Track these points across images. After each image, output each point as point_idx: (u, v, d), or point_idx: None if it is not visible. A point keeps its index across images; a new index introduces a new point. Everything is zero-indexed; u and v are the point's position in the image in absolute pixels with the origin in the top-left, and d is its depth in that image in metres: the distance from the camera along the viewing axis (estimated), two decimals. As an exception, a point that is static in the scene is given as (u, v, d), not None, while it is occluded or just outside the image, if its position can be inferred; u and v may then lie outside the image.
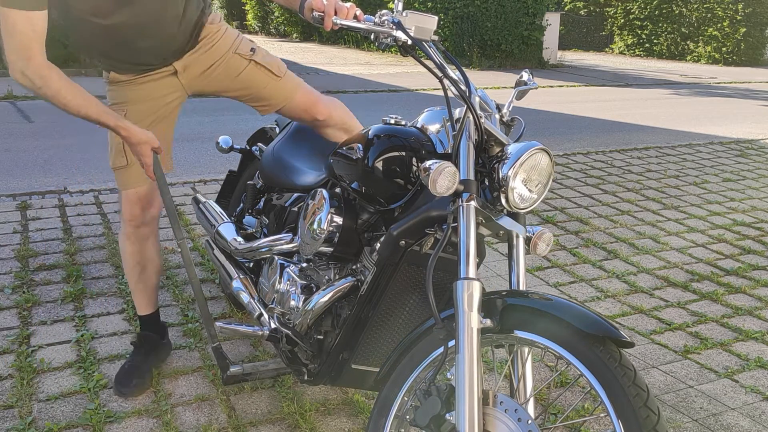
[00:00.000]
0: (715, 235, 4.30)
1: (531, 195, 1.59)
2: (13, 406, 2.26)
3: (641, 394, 1.31)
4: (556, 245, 3.96)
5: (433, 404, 1.46)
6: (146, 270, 2.40)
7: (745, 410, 2.43)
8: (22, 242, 3.67)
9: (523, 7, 15.83)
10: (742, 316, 3.18)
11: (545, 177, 1.60)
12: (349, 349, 1.87)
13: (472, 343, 1.42)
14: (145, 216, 2.28)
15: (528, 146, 1.56)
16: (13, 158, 5.57)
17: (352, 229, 1.86)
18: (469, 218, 1.51)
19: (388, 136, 1.80)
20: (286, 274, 2.08)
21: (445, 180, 1.48)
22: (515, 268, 1.65)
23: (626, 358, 1.35)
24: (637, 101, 11.04)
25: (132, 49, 2.03)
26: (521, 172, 1.55)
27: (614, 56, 21.42)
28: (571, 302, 1.48)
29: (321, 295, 1.88)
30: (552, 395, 2.46)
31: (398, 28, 1.63)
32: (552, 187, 5.19)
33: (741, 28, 19.46)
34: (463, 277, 1.47)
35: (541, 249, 1.70)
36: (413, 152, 1.75)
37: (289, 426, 2.22)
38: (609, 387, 1.32)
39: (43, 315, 2.89)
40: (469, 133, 1.60)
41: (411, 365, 1.62)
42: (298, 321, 1.96)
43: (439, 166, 1.47)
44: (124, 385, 2.33)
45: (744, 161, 6.50)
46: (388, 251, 1.70)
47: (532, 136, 7.43)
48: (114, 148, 2.18)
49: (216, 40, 2.18)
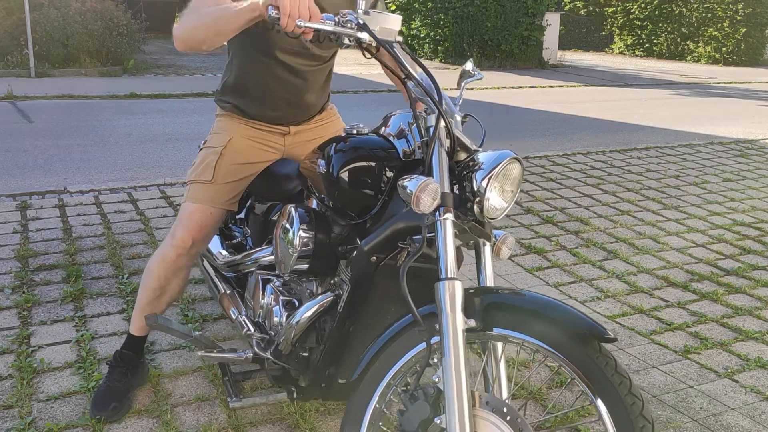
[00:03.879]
0: (715, 235, 4.30)
1: (503, 204, 1.57)
2: (13, 406, 2.26)
3: (625, 382, 1.32)
4: (556, 245, 3.96)
5: (420, 408, 1.44)
6: (162, 298, 2.25)
7: (745, 410, 2.43)
8: (22, 242, 3.67)
9: (523, 7, 15.83)
10: (742, 316, 3.18)
11: (517, 185, 1.58)
12: (336, 364, 1.82)
13: (458, 345, 1.40)
14: (191, 249, 2.17)
15: (502, 156, 1.53)
16: (13, 158, 5.57)
17: (325, 243, 1.79)
18: (446, 233, 1.47)
19: (350, 147, 1.75)
20: (268, 289, 2.02)
21: (428, 197, 1.44)
22: (483, 272, 1.64)
23: (605, 348, 1.37)
24: (637, 101, 11.04)
25: (274, 95, 2.15)
26: (497, 182, 1.52)
27: (614, 56, 21.42)
28: (542, 296, 1.48)
29: (301, 312, 1.83)
30: (552, 395, 2.46)
31: (362, 29, 1.56)
32: (552, 187, 5.20)
33: (741, 28, 19.46)
34: (444, 278, 1.44)
35: (504, 253, 1.68)
36: (377, 161, 1.70)
37: (289, 426, 2.22)
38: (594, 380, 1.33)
39: (43, 315, 2.88)
40: (441, 142, 1.55)
41: (385, 366, 1.57)
42: (281, 339, 1.91)
43: (421, 184, 1.43)
44: (101, 408, 2.20)
45: (744, 161, 6.50)
46: (361, 268, 1.64)
47: (532, 136, 7.44)
48: (205, 162, 2.17)
49: (329, 120, 2.36)
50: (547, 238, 4.08)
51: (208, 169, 2.15)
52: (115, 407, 2.22)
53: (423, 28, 16.02)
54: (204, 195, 2.15)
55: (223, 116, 2.27)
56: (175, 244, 2.14)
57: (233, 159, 2.17)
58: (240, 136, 2.21)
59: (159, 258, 2.19)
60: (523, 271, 3.59)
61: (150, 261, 2.23)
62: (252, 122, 2.22)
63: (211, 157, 2.17)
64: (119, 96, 8.87)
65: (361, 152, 1.74)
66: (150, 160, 5.69)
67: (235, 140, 2.19)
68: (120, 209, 4.28)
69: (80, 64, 10.90)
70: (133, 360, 2.36)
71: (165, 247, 2.17)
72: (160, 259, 2.18)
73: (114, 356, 2.37)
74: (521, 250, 3.88)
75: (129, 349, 2.36)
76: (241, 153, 2.18)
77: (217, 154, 2.16)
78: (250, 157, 2.19)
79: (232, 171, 2.16)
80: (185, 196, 2.19)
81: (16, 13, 10.80)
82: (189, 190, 2.18)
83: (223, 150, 2.16)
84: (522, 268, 3.63)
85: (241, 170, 2.17)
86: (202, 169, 2.17)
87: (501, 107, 9.41)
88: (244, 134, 2.21)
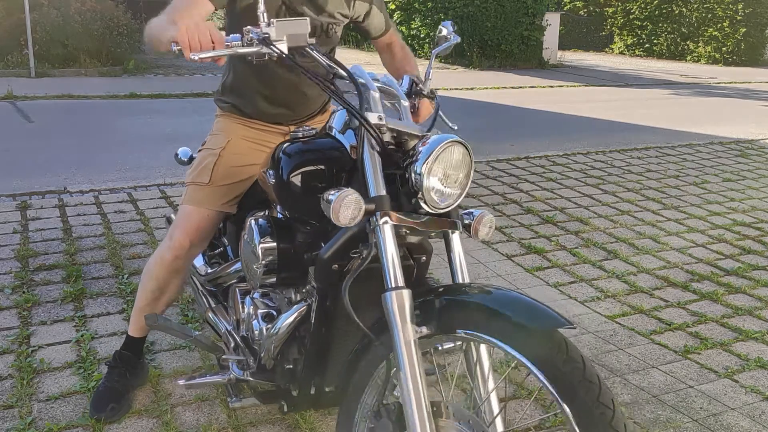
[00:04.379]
0: (715, 235, 4.30)
1: (452, 191, 1.47)
2: (13, 406, 2.26)
3: (593, 389, 1.22)
4: (556, 245, 3.96)
5: (384, 426, 1.41)
6: (161, 299, 2.25)
7: (745, 410, 2.43)
8: (22, 242, 3.67)
9: (522, 7, 15.82)
10: (742, 316, 3.18)
11: (464, 170, 1.48)
12: (320, 374, 1.76)
13: (411, 357, 1.34)
14: (189, 251, 2.17)
15: (439, 140, 1.43)
16: (13, 158, 5.57)
17: (290, 253, 1.71)
18: (386, 239, 1.41)
19: (297, 152, 1.70)
20: (247, 302, 1.96)
21: (348, 210, 1.38)
22: (455, 262, 1.55)
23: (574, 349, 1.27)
24: (637, 101, 11.04)
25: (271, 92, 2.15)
26: (437, 169, 1.43)
27: (614, 56, 21.42)
28: (511, 292, 1.39)
29: (278, 324, 1.77)
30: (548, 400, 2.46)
31: (264, 44, 1.50)
32: (552, 187, 5.20)
33: (741, 28, 19.45)
34: (390, 288, 1.38)
35: (484, 233, 1.58)
36: (327, 163, 1.64)
37: (289, 426, 2.22)
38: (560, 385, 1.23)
39: (43, 315, 2.88)
40: (371, 144, 1.49)
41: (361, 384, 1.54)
42: (263, 353, 1.85)
43: (338, 197, 1.37)
44: (99, 409, 2.20)
45: (744, 161, 6.50)
46: (323, 277, 1.58)
47: (532, 136, 7.44)
48: (203, 164, 2.17)
49: None
50: (547, 238, 4.08)
51: (205, 171, 2.15)
52: (114, 408, 2.22)
53: (423, 28, 16.01)
54: (201, 197, 2.15)
55: (222, 117, 2.27)
56: (173, 245, 2.14)
57: (231, 161, 2.16)
58: (239, 137, 2.20)
59: (157, 259, 2.19)
60: (523, 271, 3.59)
61: (148, 262, 2.24)
62: (251, 122, 2.22)
63: (209, 159, 2.16)
64: (119, 96, 8.87)
65: (307, 156, 1.68)
66: (150, 160, 5.69)
67: (233, 142, 2.18)
68: (120, 209, 4.28)
69: (80, 64, 10.88)
70: (132, 361, 2.36)
71: (163, 249, 2.17)
72: (158, 260, 2.19)
73: (113, 357, 2.37)
74: (521, 250, 3.88)
75: (128, 350, 2.36)
76: (239, 155, 2.17)
77: (216, 155, 2.15)
78: (249, 158, 2.18)
79: (229, 173, 2.15)
80: (183, 198, 2.19)
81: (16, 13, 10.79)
82: (186, 192, 2.18)
83: (222, 152, 2.16)
84: (522, 268, 3.63)
85: (240, 172, 2.16)
86: (200, 171, 2.16)
87: (501, 107, 9.41)
88: (242, 135, 2.21)
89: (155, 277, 2.20)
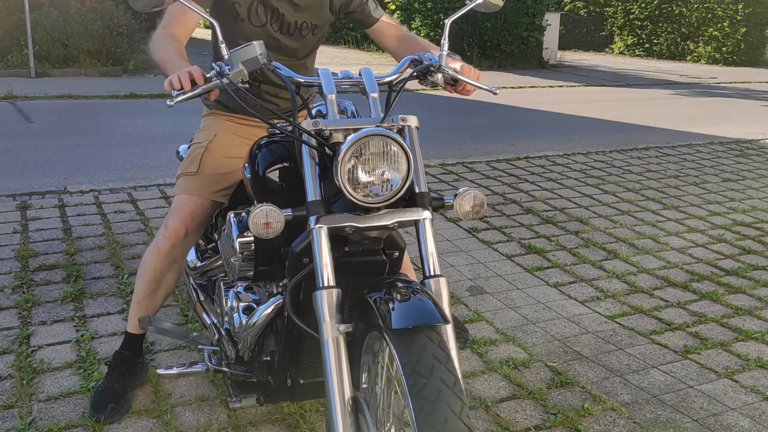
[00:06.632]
0: (715, 235, 4.30)
1: (392, 183, 1.46)
2: (13, 406, 2.26)
3: (444, 390, 1.26)
4: (556, 245, 3.96)
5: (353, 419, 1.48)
6: (158, 292, 2.26)
7: (745, 410, 2.43)
8: (22, 242, 3.67)
9: (522, 8, 15.82)
10: (742, 316, 3.18)
11: (396, 160, 1.44)
12: (294, 366, 1.81)
13: (333, 352, 1.43)
14: (185, 239, 2.19)
15: (354, 137, 1.43)
16: (13, 158, 5.57)
17: (266, 247, 1.75)
18: (320, 242, 1.46)
19: (272, 148, 1.76)
20: (230, 294, 1.98)
21: (261, 221, 1.44)
22: (425, 252, 1.55)
23: (439, 351, 1.31)
24: (637, 101, 11.04)
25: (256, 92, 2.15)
26: (350, 166, 1.43)
27: (614, 56, 21.41)
28: (417, 290, 1.42)
29: (255, 316, 1.81)
30: (553, 395, 2.46)
31: (220, 78, 1.59)
32: (552, 187, 5.20)
33: (741, 28, 19.45)
34: (320, 287, 1.45)
35: (466, 209, 1.57)
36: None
37: (289, 426, 2.22)
38: (413, 381, 1.28)
39: (43, 315, 2.88)
40: (309, 152, 1.53)
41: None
42: (240, 345, 1.89)
43: (252, 213, 1.43)
44: (99, 409, 2.21)
45: (744, 161, 6.50)
46: (295, 270, 1.62)
47: (532, 136, 7.44)
48: (191, 156, 2.23)
49: None
50: (547, 238, 4.08)
51: (194, 161, 2.21)
52: (113, 408, 2.22)
53: (423, 28, 16.01)
54: (191, 186, 2.19)
55: (208, 115, 2.34)
56: (168, 234, 2.16)
57: (219, 152, 2.22)
58: (226, 132, 2.26)
59: (153, 250, 2.21)
60: (523, 271, 3.59)
61: (145, 255, 2.26)
62: (236, 117, 2.28)
63: (197, 151, 2.23)
64: (119, 96, 8.87)
65: (281, 152, 1.74)
66: (150, 160, 5.69)
67: (220, 135, 2.25)
68: (120, 209, 4.28)
69: (80, 64, 10.89)
70: (131, 361, 2.36)
71: (158, 239, 2.20)
72: (154, 251, 2.21)
73: (113, 357, 2.37)
74: (521, 250, 3.88)
75: (127, 349, 2.37)
76: (227, 147, 2.23)
77: (203, 147, 2.22)
78: (236, 151, 2.21)
79: (217, 164, 2.19)
80: (175, 190, 2.24)
81: (16, 13, 10.79)
82: (178, 184, 2.24)
83: (209, 144, 2.23)
84: (522, 268, 3.63)
85: (227, 164, 2.20)
86: (189, 162, 2.23)
87: (501, 107, 9.40)
88: (229, 130, 2.27)
89: (152, 269, 2.22)
